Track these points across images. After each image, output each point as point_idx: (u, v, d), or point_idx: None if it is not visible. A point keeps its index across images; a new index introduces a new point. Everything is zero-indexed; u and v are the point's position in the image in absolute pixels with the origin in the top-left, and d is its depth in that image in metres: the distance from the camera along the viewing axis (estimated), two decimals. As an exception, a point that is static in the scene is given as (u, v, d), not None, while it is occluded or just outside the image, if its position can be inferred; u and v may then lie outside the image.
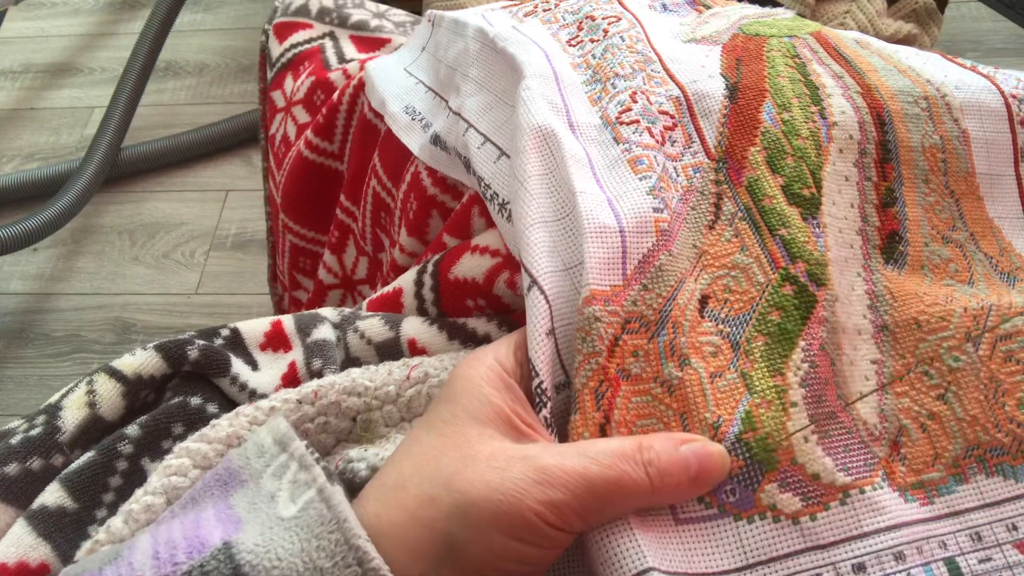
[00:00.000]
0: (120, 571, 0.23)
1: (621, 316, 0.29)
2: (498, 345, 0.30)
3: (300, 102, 0.54)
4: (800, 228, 0.31)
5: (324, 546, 0.23)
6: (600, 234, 0.30)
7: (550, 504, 0.24)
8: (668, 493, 0.26)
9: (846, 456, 0.28)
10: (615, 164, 0.33)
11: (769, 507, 0.26)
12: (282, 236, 0.56)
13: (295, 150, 0.52)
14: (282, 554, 0.23)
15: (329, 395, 0.31)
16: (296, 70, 0.57)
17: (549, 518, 0.24)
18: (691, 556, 0.26)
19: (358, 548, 0.23)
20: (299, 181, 0.53)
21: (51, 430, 0.32)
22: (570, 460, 0.25)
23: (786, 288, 0.30)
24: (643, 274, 0.30)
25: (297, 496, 0.24)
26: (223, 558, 0.23)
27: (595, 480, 0.25)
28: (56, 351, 0.85)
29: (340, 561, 0.23)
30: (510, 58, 0.38)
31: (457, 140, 0.38)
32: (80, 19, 1.21)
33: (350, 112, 0.49)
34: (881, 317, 0.31)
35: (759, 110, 0.34)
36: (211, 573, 0.22)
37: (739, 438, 0.27)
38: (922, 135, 0.34)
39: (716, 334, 0.29)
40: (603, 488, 0.25)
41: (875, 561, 0.26)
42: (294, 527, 0.24)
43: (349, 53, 0.57)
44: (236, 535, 0.23)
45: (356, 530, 0.23)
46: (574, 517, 0.25)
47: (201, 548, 0.23)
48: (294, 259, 0.57)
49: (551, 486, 0.24)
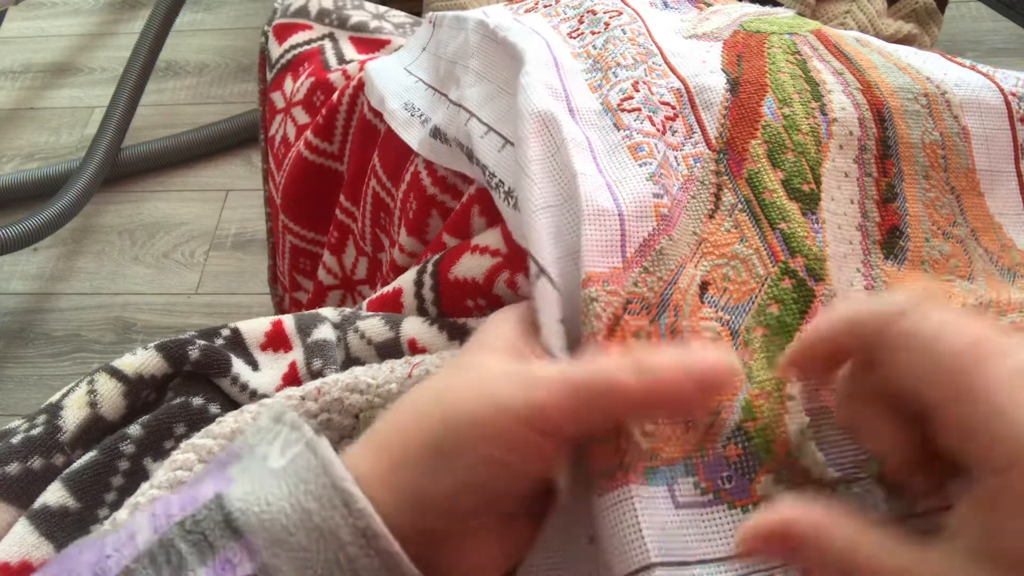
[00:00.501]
0: (119, 535, 0.24)
1: (622, 296, 0.29)
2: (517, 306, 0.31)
3: (300, 103, 0.54)
4: (800, 223, 0.31)
5: (311, 490, 0.23)
6: (598, 217, 0.30)
7: (536, 406, 0.24)
8: (665, 393, 0.24)
9: (837, 453, 0.28)
10: (615, 150, 0.33)
11: (763, 498, 0.27)
12: (282, 237, 0.57)
13: (295, 151, 0.52)
14: (271, 499, 0.23)
15: (332, 392, 0.31)
16: (296, 71, 0.57)
17: (535, 421, 0.24)
18: (688, 543, 0.26)
19: (344, 490, 0.23)
20: (299, 182, 0.53)
21: (52, 430, 0.32)
22: (561, 366, 0.25)
23: (785, 282, 0.30)
24: (644, 257, 0.30)
25: (287, 451, 0.25)
26: (214, 507, 0.23)
27: (581, 380, 0.24)
28: (56, 351, 0.85)
29: (327, 503, 0.23)
30: (510, 46, 0.38)
31: (459, 130, 0.38)
32: (80, 19, 1.21)
33: (350, 113, 0.49)
34: None
35: (760, 104, 0.34)
36: (202, 521, 0.23)
37: (739, 426, 0.27)
38: (922, 131, 0.35)
39: (716, 320, 0.29)
40: (587, 388, 0.24)
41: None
42: (282, 475, 0.24)
43: (349, 54, 0.57)
44: (227, 488, 0.24)
45: (341, 472, 0.24)
46: (561, 419, 0.24)
47: (194, 503, 0.24)
48: (294, 260, 0.57)
49: (537, 388, 0.24)
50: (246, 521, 0.23)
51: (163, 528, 0.23)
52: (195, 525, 0.23)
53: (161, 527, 0.23)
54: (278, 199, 0.55)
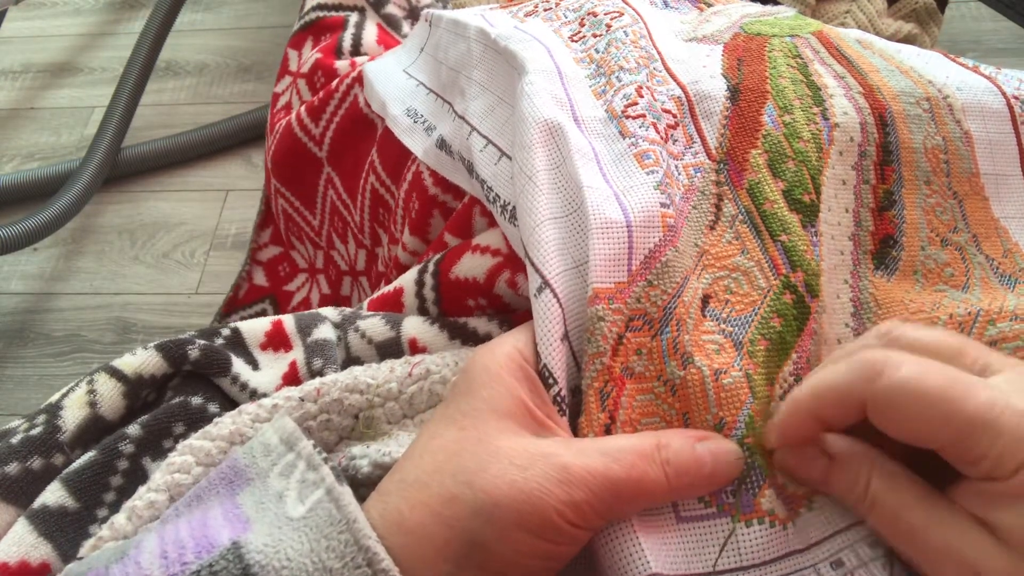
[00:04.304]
0: (127, 570, 0.23)
1: (625, 314, 0.29)
2: (517, 333, 0.30)
3: (305, 76, 0.56)
4: (800, 236, 0.31)
5: (334, 547, 0.23)
6: (606, 230, 0.29)
7: (572, 504, 0.24)
8: (683, 490, 0.26)
9: None
10: (621, 158, 0.33)
11: (768, 512, 0.27)
12: (275, 200, 0.58)
13: (286, 121, 0.54)
14: (291, 554, 0.23)
15: (331, 392, 0.31)
16: (317, 37, 0.58)
17: (571, 517, 0.24)
18: (690, 556, 0.26)
19: (368, 549, 0.23)
20: (285, 150, 0.54)
21: (52, 429, 0.32)
22: (592, 460, 0.25)
23: (787, 296, 0.30)
24: (648, 270, 0.29)
25: (305, 496, 0.24)
26: (232, 558, 0.23)
27: (616, 480, 0.25)
28: (56, 351, 0.85)
29: (350, 562, 0.23)
30: (511, 56, 0.37)
31: (461, 144, 0.38)
32: (80, 19, 1.21)
33: (341, 103, 0.50)
34: (864, 325, 0.31)
35: (760, 112, 0.34)
36: (220, 573, 0.22)
37: (742, 442, 0.27)
38: (924, 136, 0.34)
39: (718, 332, 0.29)
40: (623, 488, 0.25)
41: (851, 553, 0.26)
42: (303, 527, 0.23)
43: (367, 39, 0.57)
44: (245, 535, 0.23)
45: (366, 530, 0.23)
46: (594, 515, 0.25)
47: (210, 548, 0.23)
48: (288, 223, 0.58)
49: (573, 486, 0.24)
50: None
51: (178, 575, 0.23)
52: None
53: (176, 575, 0.23)
54: (269, 163, 0.56)
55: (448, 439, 0.26)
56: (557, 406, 0.28)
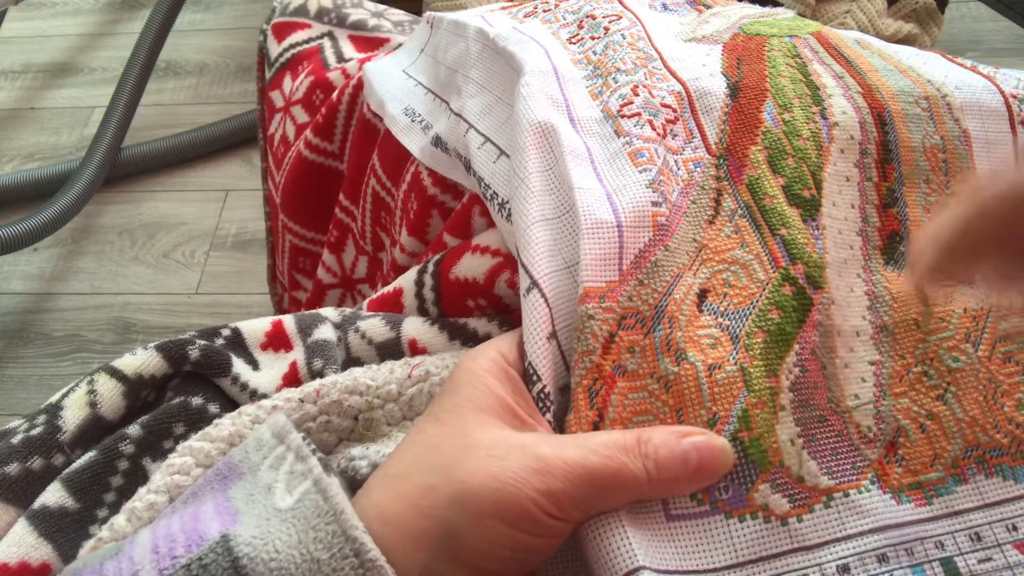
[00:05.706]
0: (120, 566, 0.23)
1: (617, 312, 0.29)
2: (502, 338, 0.30)
3: (299, 102, 0.54)
4: (800, 230, 0.31)
5: (321, 537, 0.23)
6: (597, 230, 0.30)
7: (548, 493, 0.24)
8: (665, 486, 0.26)
9: (832, 460, 0.28)
10: (615, 157, 0.33)
11: (761, 507, 0.27)
12: (281, 236, 0.56)
13: (295, 150, 0.52)
14: (280, 546, 0.23)
15: (331, 394, 0.31)
16: (295, 70, 0.57)
17: (547, 507, 0.24)
18: (682, 553, 0.26)
19: (355, 539, 0.23)
20: (299, 181, 0.53)
21: (52, 430, 0.32)
22: (569, 450, 0.25)
23: (786, 288, 0.30)
24: (639, 269, 0.29)
25: (293, 487, 0.24)
26: (221, 551, 0.23)
27: (593, 471, 0.25)
28: (56, 351, 0.85)
29: (337, 552, 0.23)
30: (509, 56, 0.38)
31: (458, 141, 0.38)
32: (80, 19, 1.21)
33: (350, 112, 0.49)
34: (880, 318, 0.31)
35: (760, 109, 0.34)
36: (209, 566, 0.22)
37: (735, 436, 0.27)
38: (923, 135, 0.34)
39: (715, 327, 0.29)
40: (601, 479, 0.25)
41: (859, 562, 0.26)
42: (291, 518, 0.24)
43: (348, 53, 0.56)
44: (234, 527, 0.23)
45: (353, 521, 0.23)
46: (572, 507, 0.25)
47: (199, 541, 0.23)
48: (294, 259, 0.57)
49: (550, 475, 0.24)
50: (254, 569, 0.22)
51: (167, 569, 0.23)
52: (202, 570, 0.22)
53: (166, 569, 0.23)
54: (277, 198, 0.55)
55: (429, 434, 0.27)
56: (540, 403, 0.28)
